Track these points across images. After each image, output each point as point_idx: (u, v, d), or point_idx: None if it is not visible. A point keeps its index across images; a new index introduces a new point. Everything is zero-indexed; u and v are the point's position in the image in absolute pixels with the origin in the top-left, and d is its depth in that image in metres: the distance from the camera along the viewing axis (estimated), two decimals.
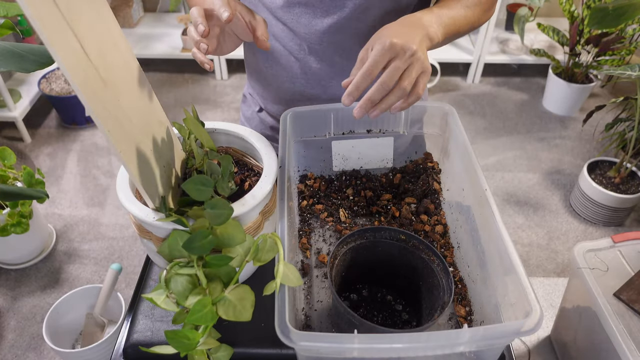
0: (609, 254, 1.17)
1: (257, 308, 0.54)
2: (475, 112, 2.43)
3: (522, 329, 0.49)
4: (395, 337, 0.48)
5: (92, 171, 2.07)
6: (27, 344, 1.45)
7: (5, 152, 1.31)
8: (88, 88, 0.45)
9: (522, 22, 2.23)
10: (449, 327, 0.65)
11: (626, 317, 1.04)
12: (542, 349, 1.42)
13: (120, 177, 0.62)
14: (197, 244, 0.51)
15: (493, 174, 2.08)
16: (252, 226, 0.61)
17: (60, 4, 0.43)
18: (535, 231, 1.83)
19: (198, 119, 0.65)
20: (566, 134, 2.30)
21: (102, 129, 0.47)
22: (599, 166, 1.86)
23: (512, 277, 0.54)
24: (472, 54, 2.54)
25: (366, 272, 0.69)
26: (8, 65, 0.59)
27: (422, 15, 0.70)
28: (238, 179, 0.70)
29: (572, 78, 2.28)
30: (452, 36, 0.76)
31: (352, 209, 0.80)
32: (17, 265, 1.65)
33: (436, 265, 0.61)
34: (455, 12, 0.76)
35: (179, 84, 2.61)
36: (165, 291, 0.53)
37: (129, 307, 0.71)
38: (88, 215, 1.87)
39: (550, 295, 1.59)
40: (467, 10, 0.79)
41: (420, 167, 0.84)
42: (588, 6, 2.05)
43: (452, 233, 0.76)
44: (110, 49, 0.51)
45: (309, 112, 0.77)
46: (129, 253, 1.73)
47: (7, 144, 2.19)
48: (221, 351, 0.59)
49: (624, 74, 1.43)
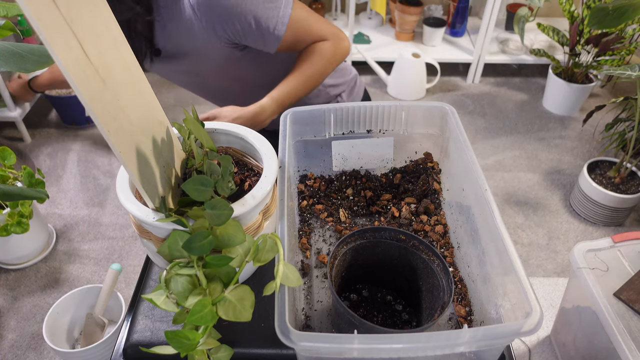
0: (609, 254, 1.17)
1: (257, 308, 0.54)
2: (475, 112, 2.43)
3: (522, 329, 0.49)
4: (395, 338, 0.48)
5: (92, 171, 2.07)
6: (27, 344, 1.45)
7: (5, 152, 1.31)
8: (88, 88, 0.45)
9: (522, 22, 2.22)
10: (449, 327, 0.65)
11: (626, 317, 1.04)
12: (542, 349, 1.42)
13: (120, 177, 0.62)
14: (197, 244, 0.51)
15: (493, 174, 2.08)
16: (252, 226, 0.61)
17: (60, 4, 0.43)
18: (535, 231, 1.83)
19: (198, 119, 0.65)
20: (566, 134, 2.30)
21: (102, 129, 0.47)
22: (599, 166, 1.86)
23: (512, 277, 0.54)
24: (472, 54, 2.54)
25: (366, 272, 0.68)
26: (8, 65, 0.59)
27: (259, 113, 0.98)
28: (238, 179, 0.70)
29: (572, 78, 2.28)
30: (296, 99, 1.02)
31: (352, 209, 0.80)
32: (17, 265, 1.65)
33: (436, 265, 0.61)
34: (290, 85, 1.01)
35: None
36: (165, 291, 0.53)
37: (129, 307, 0.71)
38: (88, 215, 1.87)
39: (550, 295, 1.59)
40: (306, 73, 1.01)
41: (420, 167, 0.84)
42: (588, 6, 2.05)
43: (452, 233, 0.76)
44: (110, 49, 0.51)
45: (308, 112, 0.77)
46: (129, 253, 1.73)
47: (7, 144, 2.19)
48: (221, 351, 0.59)
49: (624, 74, 1.43)
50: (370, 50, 2.57)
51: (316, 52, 1.02)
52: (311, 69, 1.02)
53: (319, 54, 1.02)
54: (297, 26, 0.98)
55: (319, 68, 1.02)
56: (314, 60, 1.02)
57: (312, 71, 1.02)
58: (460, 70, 2.72)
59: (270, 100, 0.99)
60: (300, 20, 0.98)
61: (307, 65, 1.02)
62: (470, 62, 2.57)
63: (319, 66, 1.02)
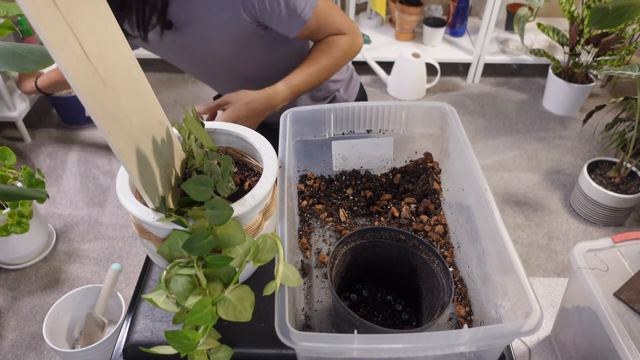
0: (609, 254, 1.17)
1: (257, 308, 0.54)
2: (475, 112, 2.43)
3: (522, 329, 0.49)
4: (395, 338, 0.48)
5: (92, 171, 2.07)
6: (27, 344, 1.45)
7: (5, 152, 1.30)
8: (88, 88, 0.45)
9: (522, 22, 2.22)
10: (449, 327, 0.65)
11: (626, 317, 1.04)
12: (542, 349, 1.42)
13: (120, 177, 0.62)
14: (197, 244, 0.51)
15: (493, 174, 2.08)
16: (252, 226, 0.61)
17: (60, 4, 0.43)
18: (535, 231, 1.83)
19: (198, 119, 0.65)
20: (566, 134, 2.30)
21: (102, 129, 0.47)
22: (599, 166, 1.86)
23: (512, 277, 0.54)
24: (472, 54, 2.54)
25: (366, 272, 0.68)
26: (8, 65, 0.59)
27: (272, 97, 0.98)
28: (238, 179, 0.70)
29: (572, 78, 2.28)
30: (309, 88, 1.02)
31: (352, 209, 0.80)
32: (17, 265, 1.65)
33: (436, 265, 0.61)
34: (305, 72, 1.01)
35: (179, 84, 2.61)
36: (165, 291, 0.53)
37: (129, 307, 0.71)
38: (88, 215, 1.87)
39: (550, 295, 1.59)
40: (322, 62, 1.02)
41: (420, 167, 0.84)
42: (588, 6, 2.05)
43: (452, 233, 0.76)
44: (110, 49, 0.51)
45: (308, 112, 0.77)
46: (129, 253, 1.73)
47: (7, 144, 2.19)
48: (221, 351, 0.59)
49: (624, 74, 1.43)
50: (370, 50, 2.57)
51: (333, 44, 1.02)
52: (328, 59, 1.01)
53: (336, 46, 1.02)
54: (322, 14, 0.98)
55: (334, 60, 1.02)
56: (331, 52, 1.02)
57: (328, 62, 1.01)
58: (460, 70, 2.72)
59: (284, 85, 0.98)
60: (326, 9, 0.98)
61: (323, 55, 1.01)
62: (470, 62, 2.56)
63: (334, 58, 1.02)
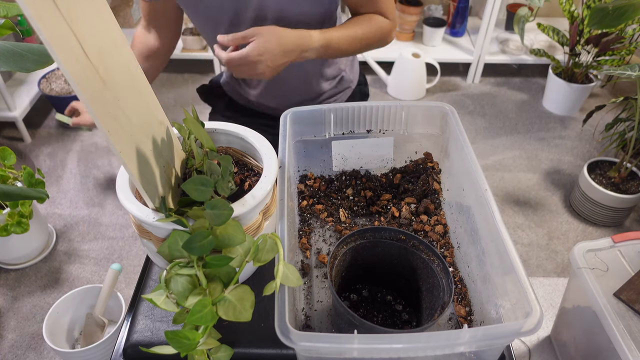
0: (609, 254, 1.17)
1: (257, 308, 0.54)
2: (475, 112, 2.43)
3: (522, 329, 0.49)
4: (395, 337, 0.48)
5: (92, 171, 2.07)
6: (27, 344, 1.45)
7: (5, 152, 1.31)
8: (88, 88, 0.45)
9: (522, 22, 2.22)
10: (449, 327, 0.65)
11: (626, 317, 1.04)
12: (542, 349, 1.42)
13: (120, 177, 0.62)
14: (197, 244, 0.51)
15: (493, 174, 2.08)
16: (252, 226, 0.61)
17: (60, 4, 0.43)
18: (535, 231, 1.83)
19: (198, 119, 0.65)
20: (566, 134, 2.30)
21: (102, 129, 0.47)
22: (599, 166, 1.86)
23: (512, 277, 0.54)
24: (472, 54, 2.53)
25: (366, 272, 0.68)
26: (8, 65, 0.59)
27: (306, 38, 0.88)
28: (238, 179, 0.70)
29: (572, 78, 2.28)
30: (336, 52, 0.94)
31: (352, 209, 0.80)
32: (17, 265, 1.65)
33: (436, 265, 0.61)
34: (341, 32, 0.93)
35: (179, 84, 2.61)
36: (165, 291, 0.53)
37: (129, 307, 0.71)
38: (88, 215, 1.87)
39: (550, 295, 1.59)
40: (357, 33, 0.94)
41: (420, 167, 0.84)
42: (588, 6, 2.05)
43: (452, 233, 0.76)
44: (110, 49, 0.51)
45: (309, 112, 0.77)
46: (129, 253, 1.73)
47: (7, 144, 2.19)
48: (221, 351, 0.59)
49: (624, 74, 1.43)
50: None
51: (374, 21, 0.96)
52: (363, 33, 0.95)
53: (376, 24, 0.96)
54: None
55: (369, 38, 0.96)
56: (371, 28, 0.95)
57: (364, 35, 0.95)
58: (460, 70, 2.72)
59: (319, 34, 0.89)
60: None
61: (361, 28, 0.95)
62: (470, 62, 2.56)
63: (370, 36, 0.96)
